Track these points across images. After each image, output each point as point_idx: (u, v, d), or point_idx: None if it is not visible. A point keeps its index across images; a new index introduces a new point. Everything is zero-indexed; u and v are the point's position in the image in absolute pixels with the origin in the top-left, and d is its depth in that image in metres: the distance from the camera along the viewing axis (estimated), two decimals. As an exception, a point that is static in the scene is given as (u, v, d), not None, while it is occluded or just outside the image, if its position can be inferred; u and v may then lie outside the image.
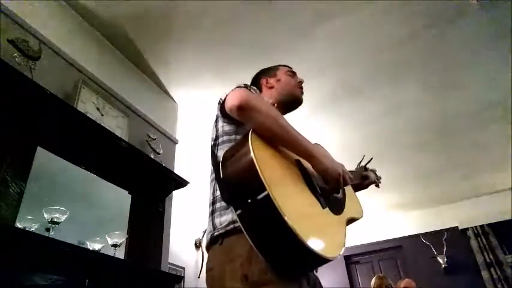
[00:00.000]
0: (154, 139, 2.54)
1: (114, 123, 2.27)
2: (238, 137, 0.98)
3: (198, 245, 4.12)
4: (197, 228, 4.18)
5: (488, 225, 4.95)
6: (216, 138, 1.04)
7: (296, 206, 0.80)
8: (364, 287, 5.39)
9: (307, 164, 0.96)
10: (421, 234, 5.28)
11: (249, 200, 0.75)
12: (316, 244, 0.75)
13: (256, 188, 0.74)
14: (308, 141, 0.95)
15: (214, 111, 1.10)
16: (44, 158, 1.72)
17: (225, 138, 1.01)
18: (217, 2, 2.29)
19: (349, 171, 1.09)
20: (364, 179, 1.44)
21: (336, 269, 5.48)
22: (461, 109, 3.37)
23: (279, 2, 2.32)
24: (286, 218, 0.71)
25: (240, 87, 1.01)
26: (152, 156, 2.41)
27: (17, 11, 1.86)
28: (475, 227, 5.01)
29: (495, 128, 3.64)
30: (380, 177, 1.57)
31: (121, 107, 2.42)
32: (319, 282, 1.00)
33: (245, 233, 0.77)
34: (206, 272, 0.91)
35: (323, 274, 2.50)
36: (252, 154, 0.78)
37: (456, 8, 2.41)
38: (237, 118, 0.95)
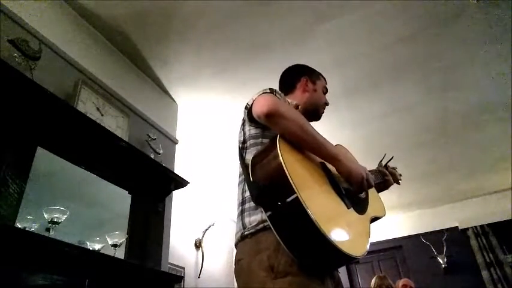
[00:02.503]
0: (154, 139, 2.54)
1: (114, 123, 2.27)
2: (265, 140, 1.03)
3: (198, 245, 4.12)
4: (197, 228, 4.19)
5: (488, 225, 4.95)
6: (244, 141, 1.08)
7: (323, 207, 0.85)
8: (364, 287, 5.39)
9: (331, 166, 1.01)
10: (421, 234, 5.27)
11: (279, 203, 0.80)
12: (342, 243, 0.79)
13: (285, 191, 0.78)
14: (332, 145, 1.00)
15: (215, 111, 1.12)
16: (44, 158, 1.73)
17: (252, 141, 1.06)
18: (217, 2, 2.29)
19: (370, 170, 1.12)
20: (385, 177, 1.45)
21: (336, 269, 5.47)
22: (461, 109, 3.37)
23: (279, 2, 2.32)
24: (314, 219, 0.75)
25: (266, 92, 1.04)
26: (152, 156, 2.41)
27: (17, 11, 1.86)
28: (475, 227, 5.01)
29: (495, 128, 3.64)
30: (400, 175, 1.58)
31: (121, 107, 2.42)
32: (341, 282, 1.04)
33: (275, 232, 0.81)
34: (235, 263, 0.95)
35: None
36: (280, 158, 0.82)
37: (456, 8, 2.41)
38: (264, 124, 1.00)
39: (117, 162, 2.15)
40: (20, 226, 1.55)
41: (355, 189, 1.01)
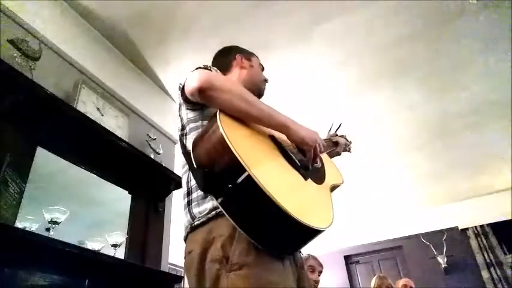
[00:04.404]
0: (154, 139, 2.54)
1: (114, 123, 2.27)
2: (205, 122, 0.92)
3: (198, 245, 4.12)
4: (197, 228, 4.18)
5: (488, 225, 4.95)
6: (183, 127, 0.99)
7: (279, 182, 0.78)
8: (364, 287, 5.39)
9: (281, 138, 0.93)
10: (421, 234, 5.27)
11: (230, 185, 0.72)
12: (306, 217, 0.72)
13: (234, 170, 0.71)
14: (279, 113, 0.90)
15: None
16: (44, 158, 1.73)
17: (191, 125, 0.95)
18: (217, 2, 2.29)
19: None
20: (335, 145, 1.43)
21: (336, 269, 5.48)
22: (461, 109, 3.36)
23: (278, 2, 2.32)
24: (272, 196, 0.68)
25: (199, 68, 0.95)
26: (152, 156, 2.41)
27: (17, 11, 1.86)
28: (475, 227, 5.01)
29: (495, 128, 3.64)
30: (350, 142, 1.56)
31: (121, 107, 2.42)
32: (304, 267, 0.99)
33: (230, 218, 0.74)
34: (185, 256, 0.87)
35: (323, 274, 2.50)
36: (224, 136, 0.74)
37: (456, 8, 2.41)
38: (200, 101, 0.90)
39: (117, 162, 2.15)
40: (20, 226, 1.55)
41: (309, 157, 0.93)
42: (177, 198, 2.84)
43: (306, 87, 3.03)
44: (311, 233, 0.75)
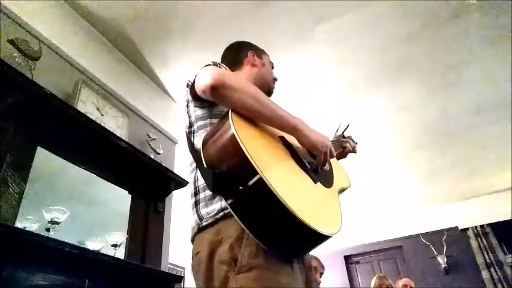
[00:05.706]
0: (154, 139, 2.54)
1: (114, 123, 2.27)
2: (214, 120, 0.91)
3: (198, 245, 4.12)
4: (197, 228, 4.18)
5: (488, 225, 4.96)
6: (191, 125, 0.97)
7: (290, 185, 0.77)
8: (364, 287, 5.39)
9: (292, 140, 0.92)
10: (421, 234, 5.28)
11: (240, 187, 0.71)
12: (317, 222, 0.72)
13: (246, 172, 0.70)
14: (291, 115, 0.89)
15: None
16: (44, 158, 1.73)
17: (200, 123, 0.94)
18: (217, 2, 2.29)
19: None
20: (343, 147, 1.42)
21: (336, 269, 5.48)
22: (461, 109, 3.36)
23: (279, 2, 2.32)
24: (283, 201, 0.68)
25: (209, 65, 0.93)
26: (152, 156, 2.41)
27: (17, 11, 1.86)
28: (475, 227, 5.01)
29: (495, 128, 3.64)
30: (356, 143, 1.53)
31: (121, 107, 2.42)
32: (312, 268, 0.99)
33: (239, 220, 0.73)
34: (193, 257, 0.86)
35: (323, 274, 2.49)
36: (236, 137, 0.73)
37: (456, 8, 2.41)
38: (211, 99, 0.88)
39: (117, 162, 2.15)
40: (20, 226, 1.55)
41: (319, 161, 0.92)
42: (177, 198, 2.84)
43: (306, 87, 3.03)
44: (320, 238, 0.75)
